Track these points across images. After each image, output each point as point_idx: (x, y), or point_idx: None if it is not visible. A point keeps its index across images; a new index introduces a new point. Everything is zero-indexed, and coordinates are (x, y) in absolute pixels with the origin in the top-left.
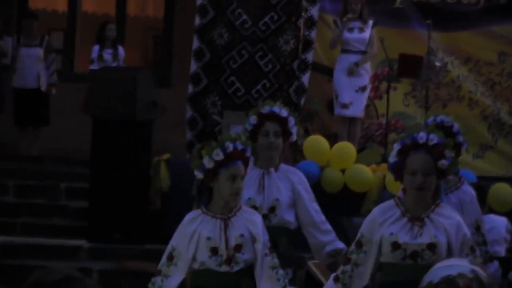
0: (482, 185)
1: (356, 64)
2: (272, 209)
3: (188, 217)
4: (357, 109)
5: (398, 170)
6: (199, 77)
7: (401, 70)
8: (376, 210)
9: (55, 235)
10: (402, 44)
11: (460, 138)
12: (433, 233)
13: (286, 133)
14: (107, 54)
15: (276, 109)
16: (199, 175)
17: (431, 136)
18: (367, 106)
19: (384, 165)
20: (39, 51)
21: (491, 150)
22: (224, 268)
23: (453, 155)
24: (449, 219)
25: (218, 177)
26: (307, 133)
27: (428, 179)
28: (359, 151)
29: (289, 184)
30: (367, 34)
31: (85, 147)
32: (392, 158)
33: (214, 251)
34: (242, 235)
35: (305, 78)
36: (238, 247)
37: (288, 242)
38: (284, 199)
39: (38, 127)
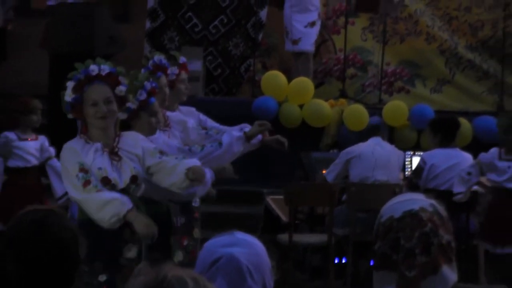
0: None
1: None
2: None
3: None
4: (306, 44)
5: (77, 106)
6: (157, 12)
7: (359, 4)
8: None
9: None
10: None
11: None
12: (132, 165)
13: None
14: None
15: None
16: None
17: (103, 66)
18: (325, 41)
19: (342, 100)
20: None
21: (448, 85)
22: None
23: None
24: (133, 146)
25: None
26: (265, 68)
27: (110, 107)
28: (317, 86)
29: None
30: None
31: (43, 83)
32: (68, 97)
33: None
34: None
35: (263, 13)
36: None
37: None
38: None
39: None
